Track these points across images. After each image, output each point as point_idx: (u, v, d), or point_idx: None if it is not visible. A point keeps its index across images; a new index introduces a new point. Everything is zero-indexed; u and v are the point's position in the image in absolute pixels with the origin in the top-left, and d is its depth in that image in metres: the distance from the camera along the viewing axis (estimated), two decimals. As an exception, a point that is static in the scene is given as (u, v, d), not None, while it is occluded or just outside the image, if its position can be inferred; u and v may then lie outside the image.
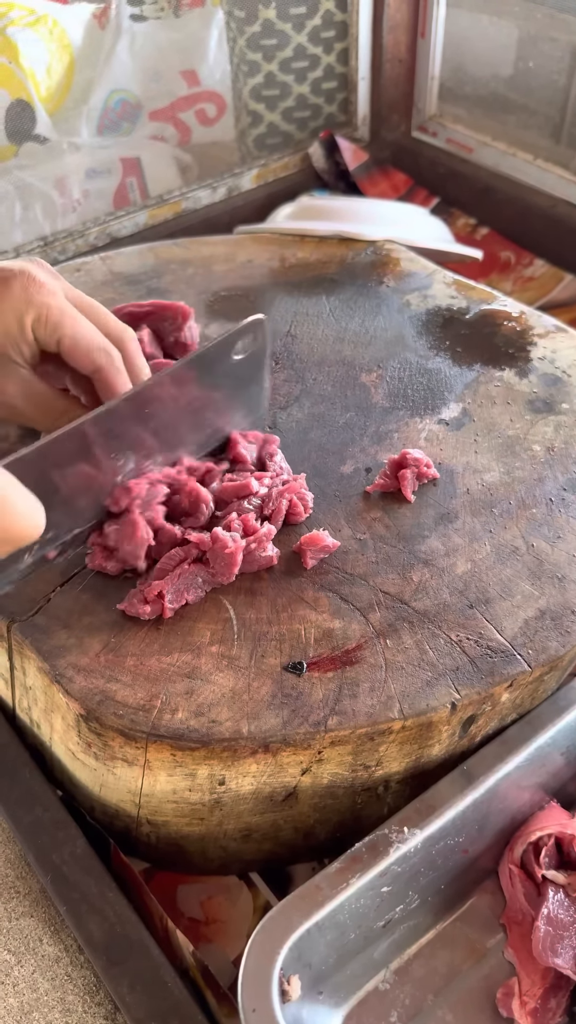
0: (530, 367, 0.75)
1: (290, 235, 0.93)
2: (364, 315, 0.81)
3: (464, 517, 0.62)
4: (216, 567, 0.56)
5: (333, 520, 0.61)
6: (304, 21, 1.17)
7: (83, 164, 1.20)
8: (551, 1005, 0.51)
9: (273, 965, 0.45)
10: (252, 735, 0.49)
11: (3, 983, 0.52)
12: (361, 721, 0.50)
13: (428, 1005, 0.53)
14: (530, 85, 1.18)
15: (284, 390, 0.73)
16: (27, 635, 0.54)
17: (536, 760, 0.55)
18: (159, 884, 0.62)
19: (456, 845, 0.53)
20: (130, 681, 0.52)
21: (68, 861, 0.53)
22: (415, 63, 1.25)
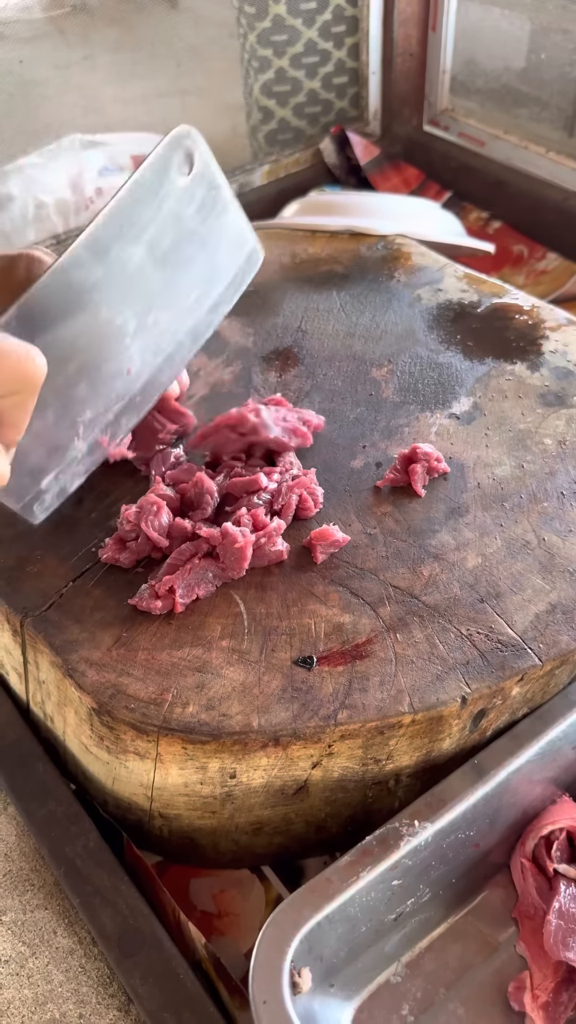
0: (542, 361, 0.74)
1: (301, 230, 0.93)
2: (375, 310, 0.81)
3: (475, 511, 0.61)
4: (226, 562, 0.56)
5: (343, 515, 0.61)
6: (314, 16, 1.17)
7: (96, 162, 1.20)
8: (563, 999, 0.51)
9: (284, 957, 0.46)
10: (262, 729, 0.49)
11: (18, 974, 0.52)
12: (371, 715, 0.50)
13: (439, 998, 0.53)
14: (542, 78, 1.18)
15: (295, 385, 0.73)
16: (40, 630, 0.55)
17: (547, 754, 0.55)
18: (172, 877, 0.62)
19: (467, 839, 0.53)
20: (142, 675, 0.52)
21: (81, 854, 0.54)
22: (426, 57, 1.24)
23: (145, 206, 0.55)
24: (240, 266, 0.65)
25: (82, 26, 1.14)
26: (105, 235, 0.53)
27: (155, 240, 0.56)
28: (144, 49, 1.18)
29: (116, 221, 0.54)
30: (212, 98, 1.30)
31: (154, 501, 0.58)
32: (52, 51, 1.16)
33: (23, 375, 0.44)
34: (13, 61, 1.11)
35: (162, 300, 0.58)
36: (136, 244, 0.55)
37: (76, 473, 0.57)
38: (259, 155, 1.25)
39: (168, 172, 0.56)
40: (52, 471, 0.55)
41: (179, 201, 0.57)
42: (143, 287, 0.57)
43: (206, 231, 0.60)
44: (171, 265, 0.58)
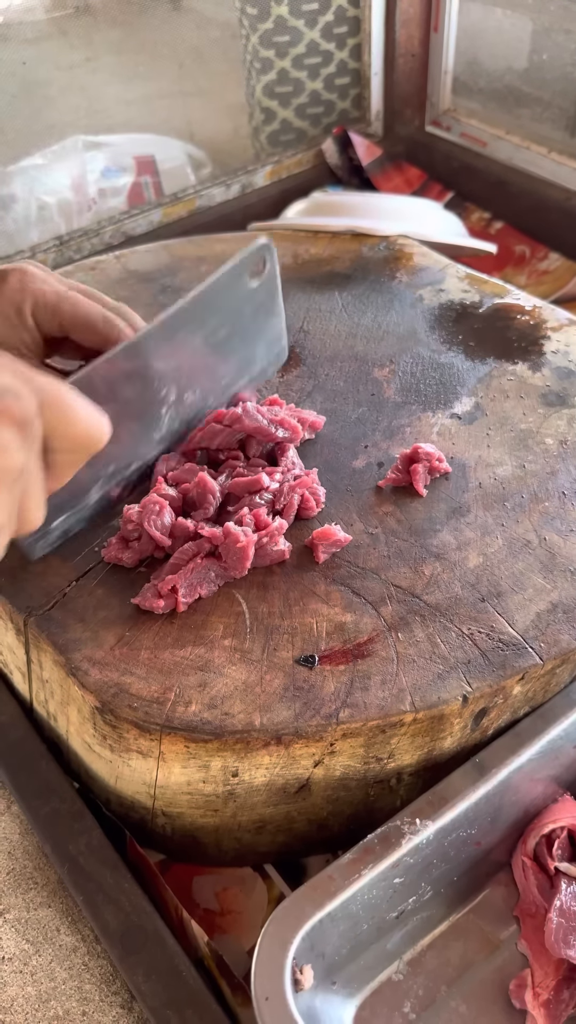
0: (543, 361, 0.75)
1: (303, 231, 0.94)
2: (377, 310, 0.82)
3: (476, 511, 0.62)
4: (228, 561, 0.56)
5: (345, 514, 0.62)
6: (317, 17, 1.17)
7: (99, 163, 1.21)
8: (564, 996, 0.51)
9: (286, 954, 0.46)
10: (264, 727, 0.50)
11: (21, 972, 0.53)
12: (372, 714, 0.50)
13: (441, 996, 0.53)
14: (544, 78, 1.18)
15: (297, 386, 0.73)
16: (43, 629, 0.55)
17: (549, 753, 0.55)
18: (175, 875, 0.62)
19: (469, 837, 0.54)
20: (144, 674, 0.52)
21: (85, 852, 0.54)
22: (428, 57, 1.25)
23: (217, 303, 0.61)
24: (270, 360, 0.72)
25: (85, 28, 1.14)
26: (177, 322, 0.59)
27: (214, 330, 0.62)
28: (147, 50, 1.19)
29: (190, 311, 0.59)
30: (214, 99, 1.31)
31: (156, 501, 0.58)
32: (55, 52, 1.17)
33: (88, 441, 0.44)
34: (16, 62, 1.11)
35: (201, 380, 0.64)
36: (198, 332, 0.61)
37: (82, 519, 0.61)
38: (261, 156, 1.26)
39: (243, 276, 0.62)
40: (65, 514, 0.59)
41: (242, 301, 0.64)
42: (191, 367, 0.62)
43: (255, 329, 0.67)
44: (219, 352, 0.65)
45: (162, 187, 1.24)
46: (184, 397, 0.63)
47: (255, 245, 0.62)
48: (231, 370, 0.67)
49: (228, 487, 0.60)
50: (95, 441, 0.45)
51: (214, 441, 0.63)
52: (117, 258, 0.89)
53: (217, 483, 0.60)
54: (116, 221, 1.11)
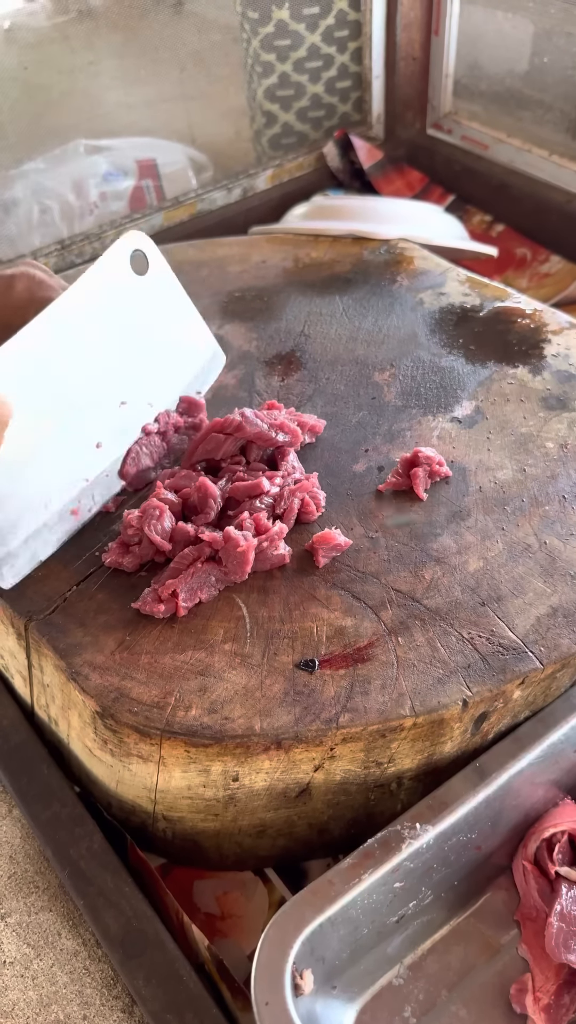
0: (544, 364, 0.75)
1: (304, 235, 0.94)
2: (377, 314, 0.82)
3: (476, 515, 0.62)
4: (229, 566, 0.56)
5: (345, 519, 0.62)
6: (318, 21, 1.17)
7: (100, 167, 1.21)
8: (564, 1001, 0.51)
9: (286, 959, 0.46)
10: (265, 732, 0.50)
11: (23, 976, 0.53)
12: (373, 718, 0.50)
13: (442, 1000, 0.53)
14: (545, 81, 1.18)
15: (297, 389, 0.74)
16: (44, 633, 0.55)
17: (549, 757, 0.55)
18: (176, 879, 0.62)
19: (469, 841, 0.54)
20: (145, 679, 0.52)
21: (86, 856, 0.54)
22: (429, 61, 1.25)
23: (107, 292, 0.61)
24: (205, 361, 0.72)
25: (86, 32, 1.14)
26: (70, 309, 0.59)
27: (119, 327, 0.63)
28: (148, 55, 1.19)
29: (80, 299, 0.59)
30: (216, 103, 1.31)
31: (156, 505, 0.58)
32: (57, 57, 1.17)
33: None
34: (18, 67, 1.11)
35: (131, 383, 0.65)
36: (100, 326, 0.61)
37: (47, 541, 0.60)
38: (263, 159, 1.26)
39: (124, 266, 0.62)
40: (21, 533, 0.58)
41: (135, 296, 0.63)
42: (111, 366, 0.63)
43: (168, 328, 0.67)
44: (136, 352, 0.65)
45: (163, 191, 1.24)
46: (116, 402, 0.63)
47: (125, 236, 0.62)
48: (161, 373, 0.67)
49: (229, 491, 0.60)
50: None
51: (217, 452, 0.63)
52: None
53: (218, 488, 0.60)
54: (118, 225, 1.12)
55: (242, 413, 0.63)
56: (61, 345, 0.58)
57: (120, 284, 0.62)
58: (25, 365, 0.56)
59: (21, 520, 0.58)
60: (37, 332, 0.57)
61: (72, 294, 0.59)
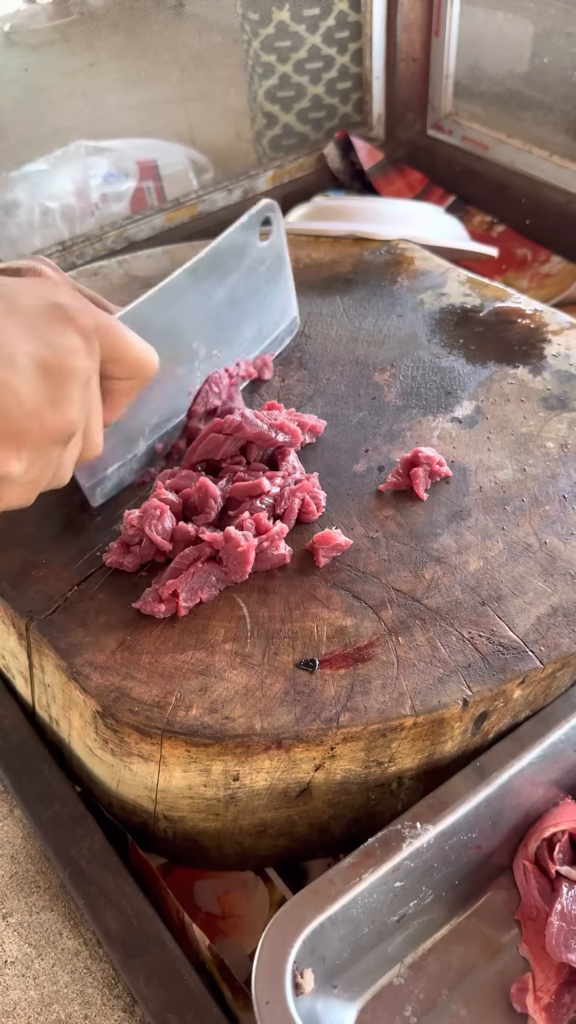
0: (544, 364, 0.75)
1: (304, 235, 0.94)
2: (378, 314, 0.82)
3: (477, 515, 0.62)
4: (229, 566, 0.56)
5: (346, 518, 0.62)
6: (318, 22, 1.17)
7: (101, 168, 1.21)
8: (565, 1000, 0.51)
9: (286, 958, 0.46)
10: (265, 731, 0.50)
11: (24, 976, 0.53)
12: (373, 718, 0.50)
13: (442, 1000, 0.53)
14: (546, 81, 1.18)
15: (298, 390, 0.74)
16: (45, 633, 0.55)
17: (550, 756, 0.55)
18: (177, 879, 0.63)
19: (469, 841, 0.54)
20: (145, 678, 0.53)
21: (86, 856, 0.54)
22: (429, 62, 1.25)
23: (234, 255, 0.67)
24: (284, 329, 0.77)
25: (87, 34, 1.15)
26: (203, 268, 0.64)
27: (233, 287, 0.68)
28: (148, 56, 1.19)
29: (213, 260, 0.65)
30: (216, 104, 1.31)
31: (157, 505, 0.58)
32: (58, 58, 1.17)
33: (143, 365, 0.51)
34: (19, 69, 1.12)
35: (226, 337, 0.70)
36: (220, 285, 0.67)
37: (132, 470, 0.66)
38: (263, 160, 1.26)
39: (253, 234, 0.68)
40: (118, 462, 0.64)
41: (253, 260, 0.70)
42: (216, 323, 0.68)
43: (268, 291, 0.73)
44: (238, 311, 0.70)
45: (164, 192, 1.24)
46: (212, 353, 0.68)
47: (260, 204, 0.68)
48: (251, 332, 0.72)
49: (229, 492, 0.61)
50: (147, 366, 0.51)
51: (218, 452, 0.64)
52: (120, 263, 0.89)
53: (218, 488, 0.60)
54: (119, 226, 1.12)
55: (242, 413, 0.63)
56: (187, 297, 0.64)
57: (246, 247, 0.68)
58: (158, 313, 0.61)
59: (119, 450, 0.63)
60: (172, 283, 0.62)
61: (208, 252, 0.64)
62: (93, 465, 0.61)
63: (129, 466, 0.65)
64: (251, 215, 0.67)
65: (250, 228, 0.68)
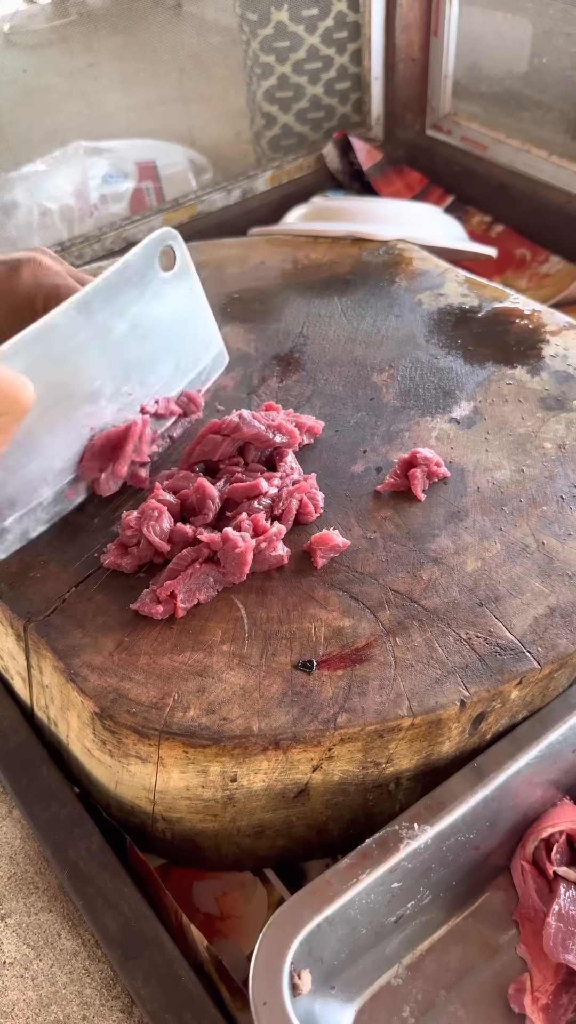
0: (542, 364, 0.75)
1: (303, 236, 0.94)
2: (376, 315, 0.82)
3: (474, 515, 0.62)
4: (227, 567, 0.57)
5: (343, 519, 0.62)
6: (317, 22, 1.17)
7: (100, 169, 1.21)
8: (563, 1001, 0.51)
9: (284, 959, 0.46)
10: (263, 732, 0.50)
11: (22, 976, 0.53)
12: (370, 718, 0.50)
13: (440, 1000, 0.53)
14: (545, 81, 1.18)
15: (296, 391, 0.74)
16: (43, 634, 0.55)
17: (547, 757, 0.55)
18: (175, 880, 0.63)
19: (467, 841, 0.54)
20: (143, 679, 0.53)
21: (85, 857, 0.54)
22: (428, 62, 1.25)
23: (132, 286, 0.62)
24: (208, 362, 0.73)
25: (86, 34, 1.15)
26: (95, 301, 0.59)
27: (137, 319, 0.63)
28: (147, 57, 1.19)
29: (106, 292, 0.60)
30: (215, 105, 1.31)
31: (155, 506, 0.58)
32: (56, 59, 1.17)
33: (15, 399, 0.49)
34: (18, 70, 1.12)
35: (136, 374, 0.65)
36: (120, 318, 0.62)
37: (39, 520, 0.62)
38: (262, 161, 1.26)
39: (153, 262, 0.63)
40: (17, 511, 0.60)
41: (158, 292, 0.64)
42: (122, 358, 0.63)
43: (182, 324, 0.68)
44: (148, 345, 0.65)
45: (163, 192, 1.24)
46: (122, 390, 0.64)
47: (157, 232, 0.63)
48: (167, 367, 0.68)
49: (227, 493, 0.61)
50: (21, 399, 0.49)
51: (215, 453, 0.64)
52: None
53: (216, 489, 0.60)
54: (118, 227, 1.12)
55: (239, 414, 0.63)
56: (79, 332, 0.59)
57: (145, 278, 0.64)
58: (43, 350, 0.57)
59: (19, 498, 0.60)
60: (59, 318, 0.58)
61: (99, 284, 0.60)
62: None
63: (34, 515, 0.61)
64: (147, 243, 0.63)
65: (148, 257, 0.63)
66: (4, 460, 0.56)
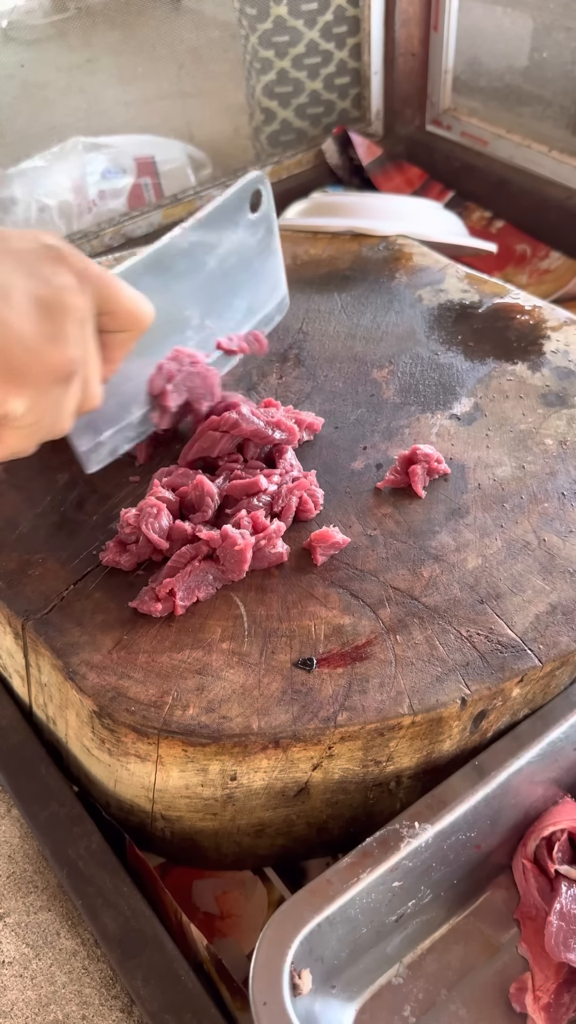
0: (543, 360, 0.74)
1: (302, 232, 0.93)
2: (376, 311, 0.81)
3: (475, 512, 0.61)
4: (226, 564, 0.56)
5: (343, 516, 0.61)
6: (316, 17, 1.17)
7: (99, 165, 1.21)
8: (564, 1000, 0.51)
9: (284, 959, 0.46)
10: (262, 731, 0.50)
11: (21, 976, 0.53)
12: (371, 717, 0.50)
13: (441, 999, 0.53)
14: (545, 76, 1.17)
15: (296, 387, 0.73)
16: (41, 633, 0.55)
17: (549, 755, 0.55)
18: (175, 879, 0.62)
19: (468, 840, 0.53)
20: (142, 678, 0.52)
21: (84, 856, 0.54)
22: (428, 57, 1.24)
23: (226, 223, 0.66)
24: (274, 306, 0.75)
25: (84, 29, 1.14)
26: (192, 236, 0.64)
27: (224, 257, 0.67)
28: (146, 52, 1.19)
29: (207, 225, 0.64)
30: (214, 100, 1.31)
31: (154, 504, 0.58)
32: (54, 54, 1.17)
33: (137, 316, 0.51)
34: (15, 65, 1.11)
35: (218, 308, 0.68)
36: (213, 253, 0.66)
37: (128, 437, 0.65)
38: (262, 156, 1.25)
39: (243, 205, 0.67)
40: (113, 427, 0.63)
41: (245, 231, 0.68)
42: (208, 292, 0.67)
43: (258, 265, 0.72)
44: (230, 282, 0.69)
45: (162, 188, 1.24)
46: (204, 323, 0.67)
47: (250, 175, 0.66)
48: (242, 305, 0.71)
49: (226, 490, 0.60)
50: (141, 318, 0.52)
51: (214, 449, 0.63)
52: (117, 260, 0.88)
53: (215, 486, 0.60)
54: (116, 223, 1.11)
55: (239, 410, 0.63)
56: (180, 262, 0.63)
57: (235, 217, 0.67)
58: (152, 275, 0.61)
59: (115, 416, 0.62)
60: (165, 248, 0.61)
61: (201, 217, 0.63)
62: (89, 426, 0.61)
63: (124, 433, 0.64)
64: (241, 185, 0.66)
65: (240, 198, 0.67)
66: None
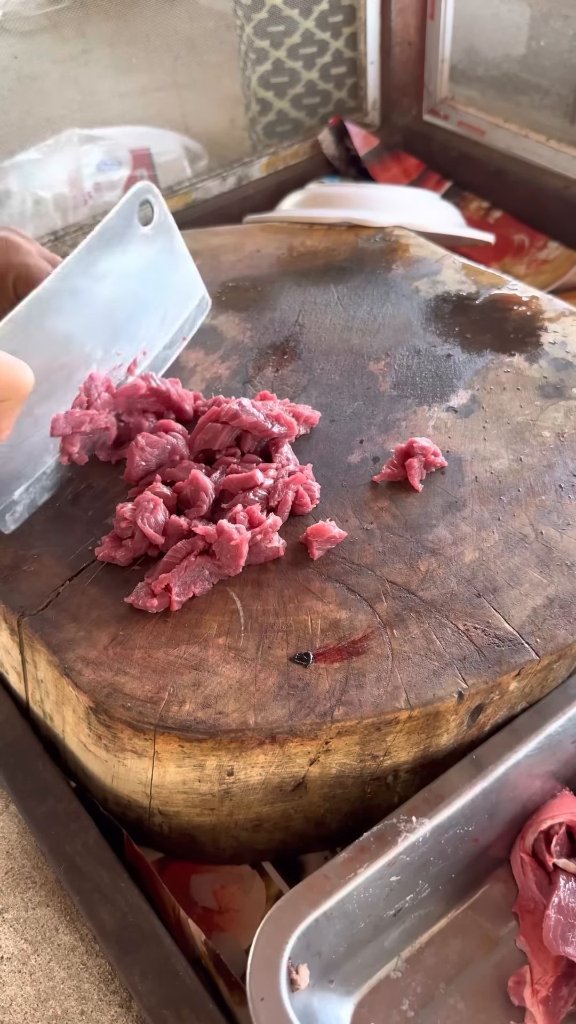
0: (540, 352, 0.74)
1: (299, 223, 0.93)
2: (372, 303, 0.81)
3: (472, 505, 0.61)
4: (222, 559, 0.56)
5: (340, 510, 0.61)
6: (311, 6, 1.16)
7: (94, 157, 1.20)
8: (563, 993, 0.51)
9: (281, 954, 0.46)
10: (259, 726, 0.49)
11: (20, 971, 0.53)
12: (367, 711, 0.50)
13: (440, 993, 0.53)
14: (543, 64, 1.17)
15: (292, 380, 0.73)
16: (37, 629, 0.55)
17: (547, 748, 0.55)
18: (173, 874, 0.62)
19: (466, 834, 0.53)
20: (138, 673, 0.52)
21: (81, 852, 0.54)
22: (425, 46, 1.24)
23: (114, 247, 0.63)
24: (193, 309, 0.75)
25: (78, 20, 1.13)
26: (78, 270, 0.61)
27: (122, 279, 0.65)
28: (140, 43, 1.18)
29: (88, 258, 0.61)
30: (210, 90, 1.30)
31: (150, 499, 0.58)
32: (48, 46, 1.16)
33: (15, 384, 0.49)
34: (8, 56, 1.10)
35: (125, 334, 0.67)
36: (105, 281, 0.63)
37: (44, 488, 0.63)
38: (258, 147, 1.25)
39: (132, 219, 0.65)
40: (24, 483, 0.61)
41: (141, 247, 0.66)
42: (110, 321, 0.65)
43: (166, 275, 0.70)
44: (135, 302, 0.67)
45: (158, 180, 1.23)
46: (112, 352, 0.65)
47: (134, 187, 0.64)
48: (155, 321, 0.69)
49: (222, 484, 0.60)
50: (21, 383, 0.50)
51: (216, 441, 0.63)
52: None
53: (211, 480, 0.59)
54: (112, 215, 1.11)
55: (239, 402, 0.63)
56: (66, 304, 0.60)
57: (125, 236, 0.64)
58: (35, 327, 0.58)
59: (23, 470, 0.61)
60: (45, 293, 0.58)
61: (80, 252, 0.61)
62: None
63: (39, 484, 0.62)
64: (124, 201, 0.63)
65: (126, 216, 0.64)
66: None
